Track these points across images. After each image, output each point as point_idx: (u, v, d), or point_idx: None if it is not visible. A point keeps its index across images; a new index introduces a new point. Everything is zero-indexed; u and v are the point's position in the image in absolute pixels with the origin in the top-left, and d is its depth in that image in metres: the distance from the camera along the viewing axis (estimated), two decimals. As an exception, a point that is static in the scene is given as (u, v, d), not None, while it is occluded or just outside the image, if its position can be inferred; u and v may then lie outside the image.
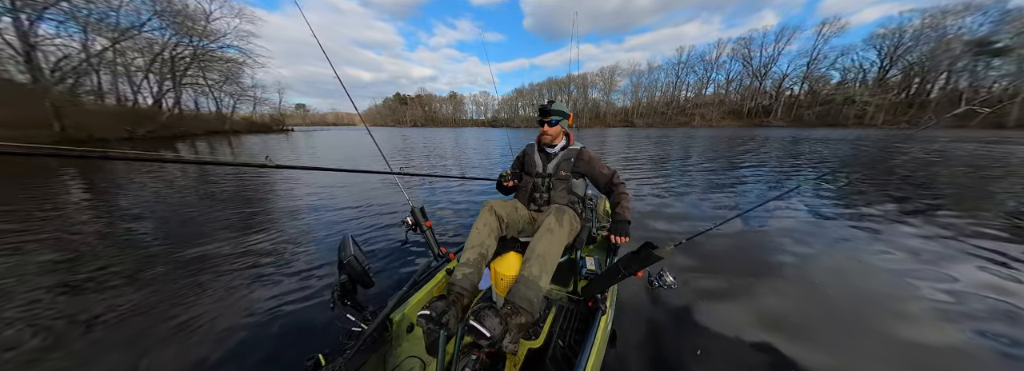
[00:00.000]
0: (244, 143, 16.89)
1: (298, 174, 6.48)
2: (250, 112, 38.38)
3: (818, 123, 48.28)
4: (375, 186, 5.34)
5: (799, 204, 3.99)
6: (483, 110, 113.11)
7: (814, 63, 54.07)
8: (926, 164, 7.30)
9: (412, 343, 1.19)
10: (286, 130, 39.58)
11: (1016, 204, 3.94)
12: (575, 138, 1.62)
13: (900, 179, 5.55)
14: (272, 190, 5.30)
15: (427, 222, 1.39)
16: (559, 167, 1.52)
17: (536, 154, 1.59)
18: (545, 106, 1.46)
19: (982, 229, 3.06)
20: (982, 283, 2.07)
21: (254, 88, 36.47)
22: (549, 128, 1.48)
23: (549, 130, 1.49)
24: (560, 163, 1.52)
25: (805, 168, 7.24)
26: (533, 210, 1.55)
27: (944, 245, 2.70)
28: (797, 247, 2.67)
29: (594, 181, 1.53)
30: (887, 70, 47.38)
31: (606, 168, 1.51)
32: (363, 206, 4.11)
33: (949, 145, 12.12)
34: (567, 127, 1.55)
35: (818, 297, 1.94)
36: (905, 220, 3.38)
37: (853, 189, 4.82)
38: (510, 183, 1.62)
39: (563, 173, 1.50)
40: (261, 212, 3.97)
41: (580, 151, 1.53)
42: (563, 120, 1.49)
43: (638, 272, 1.01)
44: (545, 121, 1.47)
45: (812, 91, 53.49)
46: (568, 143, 1.57)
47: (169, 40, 25.61)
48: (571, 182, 1.51)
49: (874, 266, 2.33)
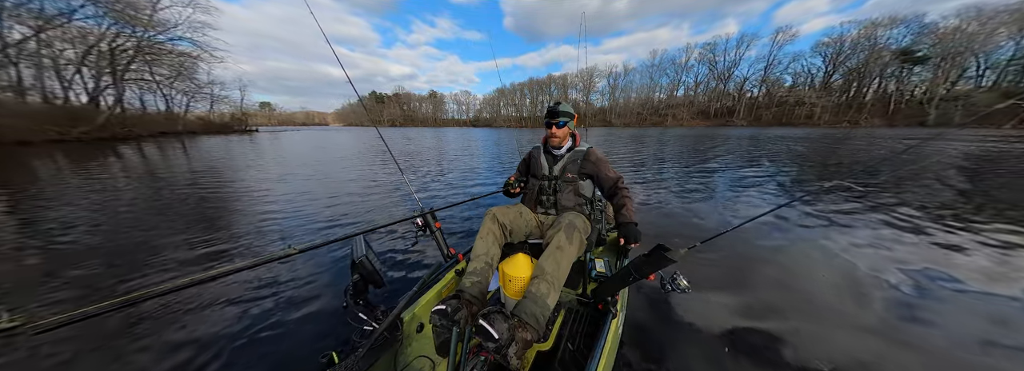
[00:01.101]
0: (201, 145, 14.88)
1: (303, 176, 6.46)
2: (207, 111, 34.90)
3: (774, 122, 52.53)
4: (386, 189, 5.37)
5: (824, 206, 3.82)
6: (465, 110, 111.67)
7: (770, 68, 59.24)
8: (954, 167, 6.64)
9: (422, 343, 1.19)
10: (250, 130, 36.50)
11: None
12: (582, 138, 1.60)
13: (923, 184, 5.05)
14: (286, 193, 4.99)
15: (436, 224, 1.39)
16: (566, 169, 1.49)
17: (542, 156, 1.56)
18: (553, 107, 1.43)
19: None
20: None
21: (211, 85, 33.21)
22: (557, 130, 1.45)
23: (557, 132, 1.46)
24: (567, 165, 1.49)
25: (789, 167, 7.24)
26: (540, 213, 1.53)
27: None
28: (819, 248, 2.62)
29: (599, 183, 1.50)
30: (831, 75, 52.71)
31: (613, 172, 1.48)
32: (374, 208, 4.17)
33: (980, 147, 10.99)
34: (573, 128, 1.53)
35: (840, 298, 1.90)
36: (927, 224, 3.19)
37: (885, 192, 4.56)
38: (517, 190, 1.59)
39: (570, 175, 1.48)
40: (264, 213, 3.88)
41: (587, 152, 1.50)
42: (570, 121, 1.47)
43: (650, 275, 0.98)
44: (553, 123, 1.44)
45: (769, 93, 58.33)
46: (574, 144, 1.54)
47: (107, 30, 22.87)
48: (578, 184, 1.48)
49: (898, 269, 2.24)
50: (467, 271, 1.16)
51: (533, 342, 0.94)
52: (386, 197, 4.78)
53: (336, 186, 5.51)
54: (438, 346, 1.03)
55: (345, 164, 8.55)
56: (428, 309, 1.26)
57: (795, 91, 55.36)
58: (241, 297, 1.97)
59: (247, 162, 8.81)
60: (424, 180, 6.22)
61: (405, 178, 1.70)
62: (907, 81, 46.96)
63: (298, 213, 3.86)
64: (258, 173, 6.82)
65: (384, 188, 5.39)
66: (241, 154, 11.16)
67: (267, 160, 9.38)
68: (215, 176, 6.41)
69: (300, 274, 2.27)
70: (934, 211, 3.67)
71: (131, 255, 2.62)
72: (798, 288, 2.03)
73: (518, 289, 1.10)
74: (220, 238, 3.01)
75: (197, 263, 2.50)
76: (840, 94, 51.06)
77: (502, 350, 0.85)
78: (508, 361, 0.85)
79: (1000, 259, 2.42)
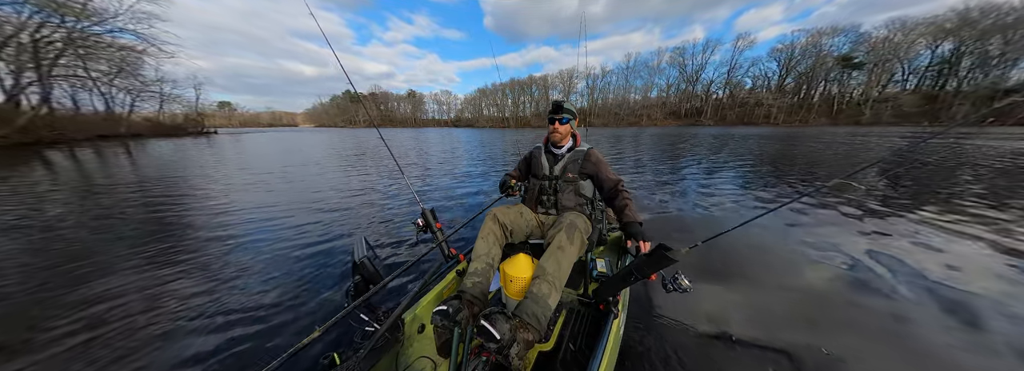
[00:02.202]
0: (150, 150, 12.98)
1: (312, 177, 6.35)
2: (156, 111, 31.48)
3: (738, 122, 57.13)
4: (387, 189, 5.30)
5: (827, 204, 3.81)
6: (446, 110, 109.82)
7: (733, 71, 64.22)
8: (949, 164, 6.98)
9: (423, 344, 1.19)
10: (207, 132, 33.40)
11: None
12: (582, 138, 1.60)
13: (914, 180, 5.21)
14: (248, 206, 4.45)
15: (437, 224, 1.39)
16: (566, 169, 1.49)
17: (543, 156, 1.56)
18: (558, 102, 1.44)
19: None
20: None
21: (160, 82, 30.02)
22: (560, 126, 1.45)
23: (560, 128, 1.46)
24: (567, 164, 1.49)
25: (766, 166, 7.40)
26: (541, 213, 1.53)
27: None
28: (820, 246, 2.59)
29: (598, 184, 1.50)
30: (784, 78, 57.97)
31: (613, 174, 1.47)
32: (376, 209, 4.11)
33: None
34: (574, 127, 1.52)
35: (839, 295, 1.87)
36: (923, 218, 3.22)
37: (886, 190, 4.58)
38: (516, 193, 1.58)
39: (570, 175, 1.48)
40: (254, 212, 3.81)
41: (587, 152, 1.50)
42: (573, 120, 1.48)
43: (651, 275, 0.97)
44: (557, 118, 1.44)
45: (732, 95, 63.07)
46: (575, 144, 1.54)
47: (28, 19, 19.97)
48: (578, 184, 1.48)
49: (902, 268, 2.21)
50: (468, 271, 1.16)
51: (535, 342, 0.94)
52: (381, 202, 4.55)
53: (320, 195, 4.95)
54: (439, 347, 1.02)
55: (326, 168, 7.86)
56: (429, 310, 1.25)
57: (754, 93, 60.55)
58: (241, 301, 1.93)
59: (203, 170, 7.61)
60: (408, 184, 5.55)
61: (406, 178, 1.71)
62: (847, 84, 52.70)
63: (270, 227, 3.34)
64: (220, 182, 5.94)
65: (379, 194, 5.13)
66: (196, 159, 9.94)
67: (230, 167, 8.14)
68: (162, 186, 5.55)
69: (301, 276, 2.24)
70: (951, 205, 3.62)
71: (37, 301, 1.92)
72: (800, 285, 2.02)
73: (519, 289, 1.10)
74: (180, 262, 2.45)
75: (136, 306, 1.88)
76: (792, 96, 56.32)
77: (504, 350, 0.84)
78: (510, 361, 0.85)
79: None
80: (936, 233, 2.93)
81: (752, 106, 58.09)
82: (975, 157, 8.19)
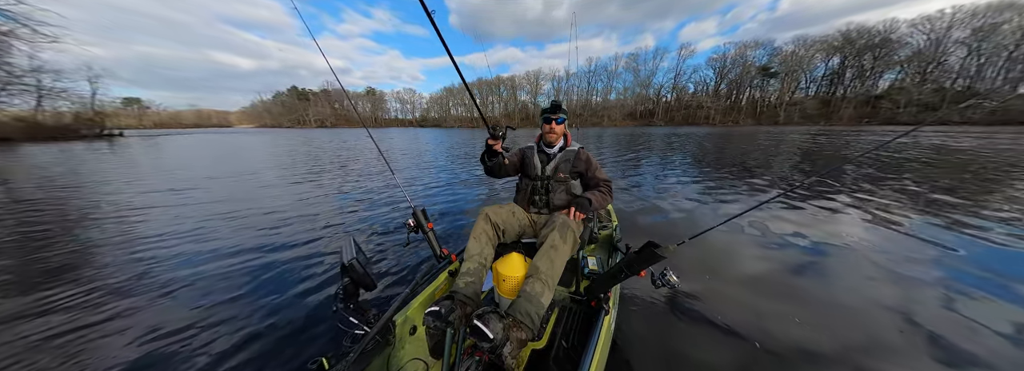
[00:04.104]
0: (23, 159, 9.80)
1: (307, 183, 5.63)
2: (33, 109, 25.04)
3: (684, 122, 65.00)
4: (377, 188, 5.24)
5: (805, 199, 4.03)
6: (411, 108, 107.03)
7: (678, 77, 72.71)
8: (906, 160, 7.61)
9: (415, 345, 1.18)
10: (109, 135, 26.98)
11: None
12: (573, 138, 1.62)
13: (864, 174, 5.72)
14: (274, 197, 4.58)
15: (428, 224, 1.40)
16: (558, 169, 1.52)
17: (535, 156, 1.59)
18: (556, 103, 1.49)
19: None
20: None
21: (37, 73, 23.97)
22: (556, 126, 1.49)
23: (557, 128, 1.50)
24: (559, 164, 1.53)
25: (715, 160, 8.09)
26: (533, 213, 1.55)
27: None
28: (801, 241, 2.70)
29: (586, 183, 1.54)
30: (719, 84, 67.01)
31: (603, 174, 1.52)
32: (365, 208, 4.04)
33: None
34: (566, 127, 1.54)
35: (819, 289, 1.94)
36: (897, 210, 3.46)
37: (854, 184, 4.90)
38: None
39: (562, 175, 1.51)
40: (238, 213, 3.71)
41: (578, 151, 1.54)
42: (567, 119, 1.50)
43: (641, 272, 1.00)
44: (553, 118, 1.48)
45: (678, 98, 71.03)
46: (566, 144, 1.58)
47: None
48: (570, 183, 1.52)
49: (876, 258, 2.32)
50: (461, 271, 1.18)
51: (528, 341, 0.94)
52: (374, 192, 4.51)
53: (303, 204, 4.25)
54: (432, 348, 1.03)
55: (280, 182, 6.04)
56: (421, 311, 1.24)
57: (696, 97, 69.28)
58: (225, 304, 1.87)
59: (110, 184, 5.64)
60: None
61: (397, 178, 1.72)
62: (766, 90, 62.90)
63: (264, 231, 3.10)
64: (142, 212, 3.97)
65: (377, 187, 5.14)
66: (94, 171, 7.30)
67: (142, 183, 5.83)
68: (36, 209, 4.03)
69: (288, 278, 2.18)
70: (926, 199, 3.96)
71: None
72: (785, 279, 2.09)
73: (512, 288, 1.12)
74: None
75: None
76: (726, 100, 65.27)
77: (497, 350, 0.85)
78: (503, 361, 0.86)
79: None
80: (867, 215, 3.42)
81: (695, 108, 66.51)
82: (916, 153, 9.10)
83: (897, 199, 4.16)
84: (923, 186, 4.94)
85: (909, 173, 6.05)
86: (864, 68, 54.27)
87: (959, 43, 48.19)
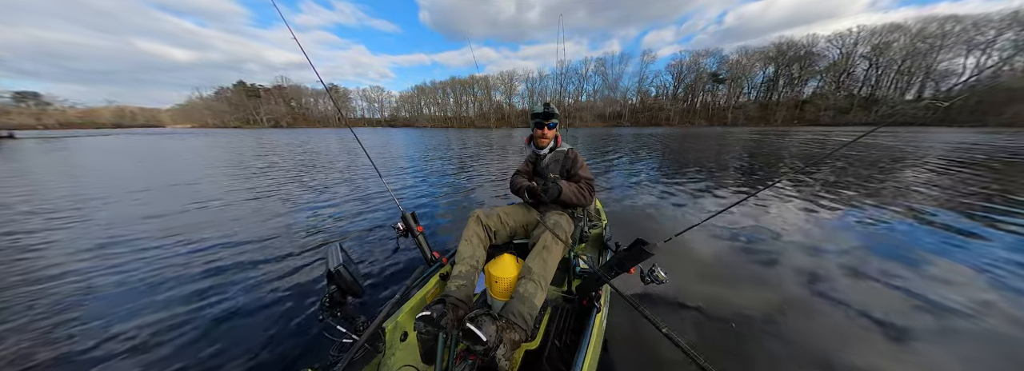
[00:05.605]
0: None
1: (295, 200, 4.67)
2: None
3: (648, 123, 70.12)
4: (366, 191, 5.13)
5: (784, 195, 4.32)
6: (379, 107, 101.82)
7: (642, 81, 78.18)
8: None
9: (406, 352, 1.14)
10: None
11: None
12: (562, 139, 1.67)
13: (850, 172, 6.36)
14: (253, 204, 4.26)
15: (419, 227, 1.38)
16: (549, 169, 1.57)
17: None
18: (548, 109, 1.51)
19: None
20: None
21: None
22: (549, 131, 1.55)
23: (548, 132, 1.55)
24: (549, 165, 1.58)
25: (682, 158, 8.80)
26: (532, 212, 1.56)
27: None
28: (783, 236, 2.85)
29: (569, 179, 1.56)
30: (677, 88, 72.83)
31: (587, 173, 1.55)
32: (352, 212, 3.91)
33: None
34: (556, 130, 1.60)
35: (801, 283, 2.03)
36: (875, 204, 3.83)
37: (830, 182, 5.33)
38: (538, 193, 1.44)
39: (553, 175, 1.54)
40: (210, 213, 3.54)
41: (568, 152, 1.59)
42: (558, 123, 1.56)
43: (630, 269, 1.02)
44: (545, 124, 1.52)
45: (642, 101, 75.94)
46: (556, 145, 1.62)
47: None
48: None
49: (855, 252, 2.49)
50: (452, 275, 1.16)
51: (521, 342, 0.94)
52: (363, 195, 4.45)
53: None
54: (424, 354, 1.01)
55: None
56: (412, 316, 1.21)
57: (658, 100, 74.75)
58: (206, 314, 1.80)
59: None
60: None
61: (384, 180, 1.68)
62: (717, 94, 69.75)
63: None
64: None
65: (366, 190, 5.08)
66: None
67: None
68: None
69: (271, 288, 2.07)
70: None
71: None
72: (766, 273, 2.21)
73: (504, 290, 1.11)
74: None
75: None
76: (683, 103, 71.19)
77: (491, 353, 0.84)
78: (496, 363, 0.84)
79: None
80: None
81: (657, 110, 71.88)
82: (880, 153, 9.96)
83: (831, 190, 4.81)
84: (845, 178, 5.75)
85: (841, 169, 6.87)
86: (793, 76, 62.66)
87: (862, 57, 57.85)
